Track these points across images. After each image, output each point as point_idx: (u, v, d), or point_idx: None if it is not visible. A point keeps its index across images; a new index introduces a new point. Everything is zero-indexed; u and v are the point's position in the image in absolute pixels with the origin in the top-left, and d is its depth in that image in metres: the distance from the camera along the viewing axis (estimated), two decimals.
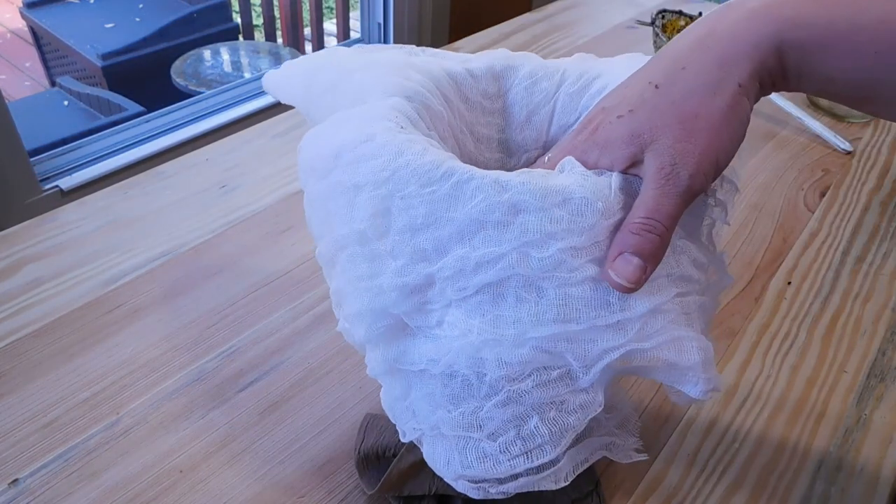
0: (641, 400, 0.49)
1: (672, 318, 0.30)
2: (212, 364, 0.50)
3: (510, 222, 0.29)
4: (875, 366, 0.53)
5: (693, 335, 0.30)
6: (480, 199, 0.29)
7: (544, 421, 0.30)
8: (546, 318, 0.29)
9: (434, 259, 0.30)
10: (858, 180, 0.74)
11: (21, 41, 2.77)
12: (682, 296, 0.31)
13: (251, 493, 0.42)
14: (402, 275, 0.30)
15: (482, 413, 0.30)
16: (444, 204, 0.29)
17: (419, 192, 0.29)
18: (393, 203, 0.30)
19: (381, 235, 0.30)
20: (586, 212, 0.29)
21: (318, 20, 2.32)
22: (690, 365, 0.30)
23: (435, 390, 0.31)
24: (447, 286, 0.29)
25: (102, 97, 1.90)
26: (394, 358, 0.32)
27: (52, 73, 2.28)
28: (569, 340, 0.29)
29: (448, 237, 0.29)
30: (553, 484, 0.31)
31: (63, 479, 0.43)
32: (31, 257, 0.58)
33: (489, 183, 0.29)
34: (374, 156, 0.31)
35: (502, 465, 0.30)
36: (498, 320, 0.29)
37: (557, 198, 0.29)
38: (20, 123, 1.35)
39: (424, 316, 0.31)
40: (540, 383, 0.30)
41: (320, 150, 0.33)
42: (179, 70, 2.06)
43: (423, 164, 0.30)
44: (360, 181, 0.31)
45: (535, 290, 0.29)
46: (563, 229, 0.28)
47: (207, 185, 0.68)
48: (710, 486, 0.44)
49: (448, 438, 0.31)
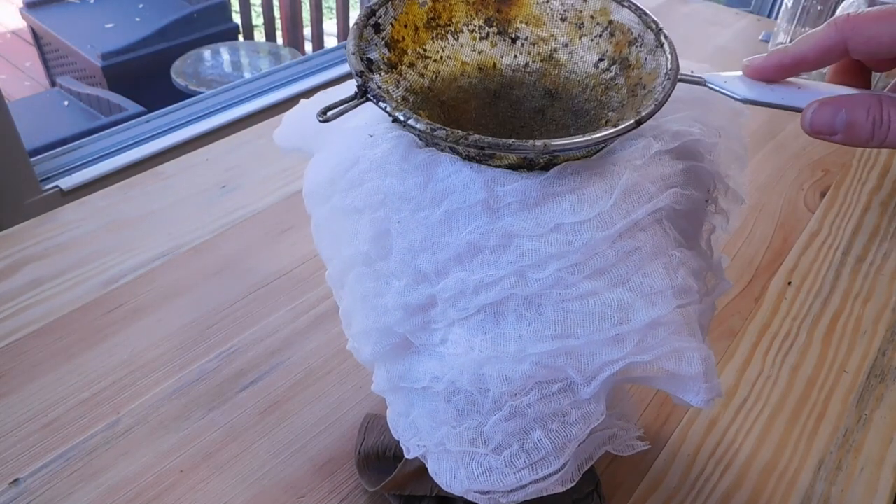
0: (642, 400, 0.49)
1: (673, 329, 0.30)
2: (212, 364, 0.50)
3: (507, 245, 0.29)
4: (875, 366, 0.53)
5: (694, 345, 0.30)
6: (474, 227, 0.29)
7: (547, 433, 0.30)
8: (545, 334, 0.29)
9: (435, 280, 0.30)
10: (858, 180, 0.74)
11: (21, 41, 2.77)
12: (683, 307, 0.31)
13: (251, 493, 0.42)
14: (405, 294, 0.30)
15: (486, 428, 0.30)
16: (439, 229, 0.29)
17: (414, 217, 0.29)
18: (391, 226, 0.30)
19: (383, 256, 0.31)
20: (581, 230, 0.29)
21: (318, 20, 2.32)
22: (692, 375, 0.30)
23: (438, 407, 0.31)
24: (449, 306, 0.30)
25: (102, 97, 1.90)
26: (398, 376, 0.32)
27: (52, 73, 2.28)
28: (569, 355, 0.29)
29: (446, 260, 0.29)
30: (560, 487, 0.31)
31: (63, 478, 0.43)
32: (31, 257, 0.58)
33: (480, 211, 0.29)
34: (363, 181, 0.31)
35: (508, 479, 0.31)
36: (499, 338, 0.29)
37: (550, 224, 0.29)
38: (20, 123, 1.34)
39: (428, 334, 0.31)
40: (542, 397, 0.30)
41: (318, 177, 0.34)
42: (179, 70, 2.06)
43: (408, 187, 0.30)
44: (358, 205, 0.31)
45: (535, 308, 0.29)
46: (560, 250, 0.28)
47: (207, 185, 0.68)
48: (710, 486, 0.44)
49: (453, 454, 0.31)
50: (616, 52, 0.35)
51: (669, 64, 0.31)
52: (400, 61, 0.33)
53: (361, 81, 0.29)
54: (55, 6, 2.28)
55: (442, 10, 0.35)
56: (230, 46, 2.26)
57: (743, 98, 0.30)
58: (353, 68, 0.29)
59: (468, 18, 0.36)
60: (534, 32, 0.36)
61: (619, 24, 0.35)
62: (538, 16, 0.36)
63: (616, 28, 0.35)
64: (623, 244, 0.29)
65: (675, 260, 0.31)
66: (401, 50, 0.33)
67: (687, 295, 0.31)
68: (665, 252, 0.31)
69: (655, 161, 0.31)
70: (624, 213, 0.29)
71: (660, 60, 0.32)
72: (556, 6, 0.36)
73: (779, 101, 0.30)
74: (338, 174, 0.32)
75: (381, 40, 0.32)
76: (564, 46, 0.36)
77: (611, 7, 0.35)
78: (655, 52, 0.33)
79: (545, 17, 0.36)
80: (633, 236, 0.29)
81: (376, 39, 0.32)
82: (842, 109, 0.28)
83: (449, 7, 0.35)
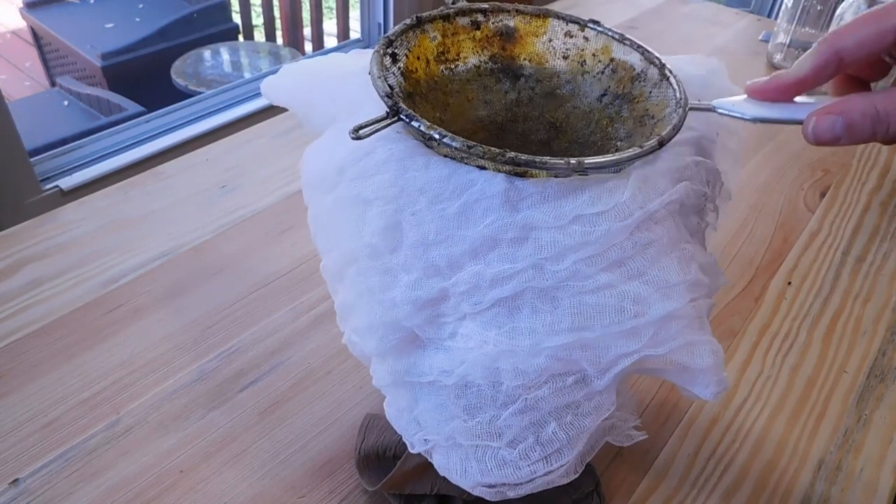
0: (642, 400, 0.49)
1: (686, 322, 0.30)
2: (212, 364, 0.50)
3: (525, 238, 0.29)
4: (875, 366, 0.53)
5: (706, 339, 0.31)
6: (493, 220, 0.29)
7: (561, 426, 0.31)
8: (561, 327, 0.29)
9: (448, 274, 0.30)
10: (858, 180, 0.74)
11: (21, 41, 2.77)
12: (695, 300, 0.31)
13: (251, 493, 0.42)
14: (415, 288, 0.30)
15: (500, 422, 0.30)
16: (455, 222, 0.29)
17: (429, 209, 0.29)
18: (404, 218, 0.30)
19: (392, 249, 0.30)
20: (599, 220, 0.29)
21: (317, 20, 2.32)
22: (703, 368, 0.30)
23: (447, 401, 0.31)
24: (462, 301, 0.30)
25: (102, 97, 1.90)
26: (403, 370, 0.32)
27: (52, 73, 2.28)
28: (584, 348, 0.29)
29: (461, 254, 0.29)
30: (565, 478, 0.31)
31: (63, 479, 0.43)
32: (31, 257, 0.58)
33: (499, 204, 0.29)
34: (378, 171, 0.31)
35: (522, 471, 0.31)
36: (514, 332, 0.29)
37: (570, 216, 0.29)
38: (20, 123, 1.34)
39: (437, 328, 0.31)
40: (556, 390, 0.30)
41: (323, 164, 0.33)
42: (179, 70, 2.06)
43: (429, 180, 0.29)
44: (368, 196, 0.31)
45: (550, 301, 0.29)
46: (578, 242, 0.28)
47: (207, 185, 0.68)
48: (710, 485, 0.44)
49: (463, 448, 0.31)
50: (619, 87, 0.36)
51: (678, 94, 0.32)
52: (414, 91, 0.34)
53: (392, 102, 0.29)
54: (55, 6, 2.28)
55: (451, 45, 0.36)
56: (230, 46, 2.26)
57: (752, 118, 0.32)
58: (381, 90, 0.30)
59: (475, 54, 0.37)
60: (537, 69, 0.38)
61: (620, 62, 0.36)
62: (541, 53, 0.37)
63: (618, 65, 0.36)
64: (640, 236, 0.29)
65: (688, 254, 0.31)
66: (414, 80, 0.34)
67: (699, 289, 0.31)
68: (678, 246, 0.31)
69: (669, 153, 0.31)
70: (640, 204, 0.29)
71: (666, 92, 0.33)
72: (558, 45, 0.37)
73: (786, 118, 0.32)
74: (349, 162, 0.32)
75: (398, 69, 0.34)
76: (567, 83, 0.37)
77: (612, 45, 0.36)
78: (660, 86, 0.34)
79: (548, 55, 0.37)
80: (649, 229, 0.30)
81: (393, 68, 0.33)
82: (838, 116, 0.30)
83: (457, 43, 0.36)
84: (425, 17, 0.35)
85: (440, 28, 0.36)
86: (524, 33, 0.37)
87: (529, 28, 0.37)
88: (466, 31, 0.36)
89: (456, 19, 0.36)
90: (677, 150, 0.32)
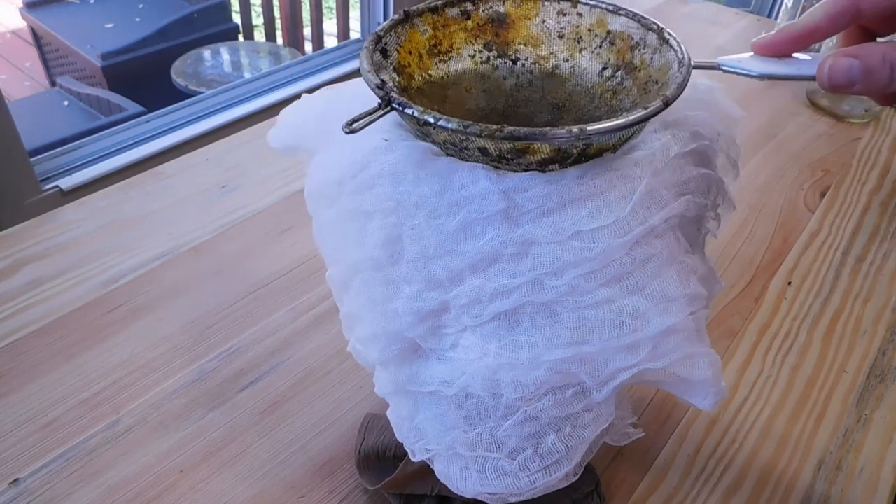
0: (642, 399, 0.49)
1: (686, 335, 0.30)
2: (212, 364, 0.50)
3: (524, 253, 0.29)
4: (875, 366, 0.53)
5: (704, 350, 0.31)
6: (492, 237, 0.29)
7: (560, 437, 0.31)
8: (560, 341, 0.29)
9: (448, 287, 0.30)
10: (858, 180, 0.74)
11: (21, 41, 2.77)
12: (694, 313, 0.31)
13: (251, 493, 0.42)
14: (417, 300, 0.30)
15: (500, 433, 0.31)
16: (455, 238, 0.29)
17: (428, 224, 0.29)
18: (404, 231, 0.30)
19: (394, 262, 0.30)
20: (599, 237, 0.29)
21: (318, 20, 2.32)
22: (701, 380, 0.30)
23: (447, 411, 0.31)
24: (463, 313, 0.30)
25: (102, 97, 1.90)
26: (405, 379, 0.32)
27: (52, 73, 2.28)
28: (583, 361, 0.29)
29: (461, 268, 0.29)
30: (566, 482, 0.32)
31: (63, 479, 0.43)
32: (31, 257, 0.58)
33: (499, 221, 0.29)
34: (374, 185, 0.31)
35: (522, 482, 0.31)
36: (514, 345, 0.29)
37: (568, 231, 0.29)
38: (20, 123, 1.34)
39: (438, 339, 0.31)
40: (555, 402, 0.30)
41: (324, 178, 0.33)
42: (179, 70, 2.06)
43: (423, 194, 0.29)
44: (368, 209, 0.31)
45: (550, 315, 0.29)
46: (577, 258, 0.28)
47: (207, 185, 0.68)
48: (710, 485, 0.44)
49: (464, 458, 0.31)
50: (619, 58, 0.35)
51: (680, 55, 0.31)
52: (409, 86, 0.34)
53: (383, 92, 0.29)
54: (55, 6, 2.28)
55: (442, 37, 0.36)
56: (230, 46, 2.26)
57: (759, 74, 0.31)
58: (371, 83, 0.30)
59: (468, 44, 0.36)
60: (533, 52, 0.37)
61: (617, 33, 0.35)
62: (535, 36, 0.37)
63: (615, 37, 0.35)
64: (640, 251, 0.29)
65: (687, 267, 0.31)
66: (408, 75, 0.34)
67: (698, 301, 0.32)
68: (677, 259, 0.31)
69: (672, 166, 0.31)
70: (641, 220, 0.29)
71: (668, 56, 0.32)
72: (552, 25, 0.37)
73: (794, 73, 0.31)
74: (347, 176, 0.32)
75: (390, 65, 0.33)
76: (565, 62, 0.37)
77: (607, 18, 0.35)
78: (661, 50, 0.33)
79: (543, 37, 0.37)
80: (649, 243, 0.29)
81: (385, 64, 0.33)
82: (857, 59, 0.28)
83: (449, 35, 0.36)
84: (413, 11, 0.34)
85: (430, 21, 0.35)
86: (516, 17, 0.36)
87: (521, 12, 0.36)
88: (457, 21, 0.36)
89: (445, 11, 0.35)
90: (681, 163, 0.32)
